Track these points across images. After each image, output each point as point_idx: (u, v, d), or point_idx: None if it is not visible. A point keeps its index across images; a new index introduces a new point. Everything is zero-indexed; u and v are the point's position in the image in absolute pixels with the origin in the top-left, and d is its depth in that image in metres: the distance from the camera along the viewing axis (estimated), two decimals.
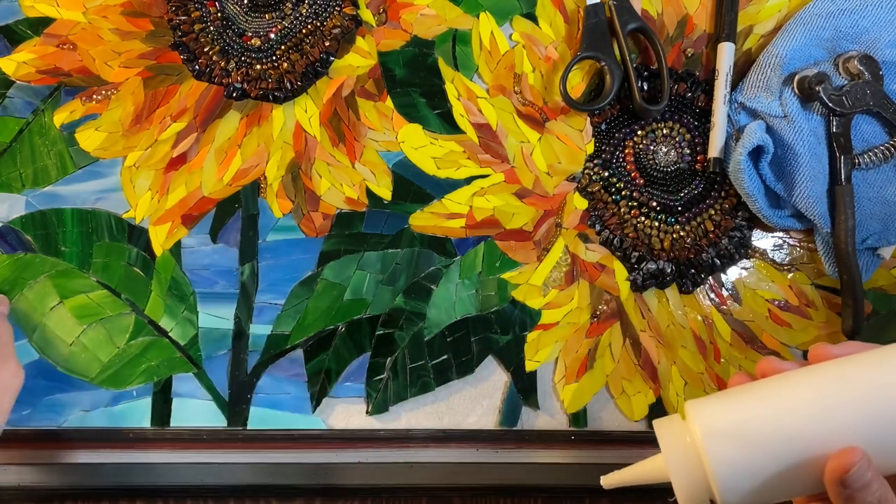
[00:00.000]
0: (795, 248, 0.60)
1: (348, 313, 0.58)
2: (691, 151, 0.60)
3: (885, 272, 0.60)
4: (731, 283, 0.59)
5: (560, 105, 0.60)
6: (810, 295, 0.59)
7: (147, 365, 0.57)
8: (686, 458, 0.41)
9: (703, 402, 0.42)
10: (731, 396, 0.42)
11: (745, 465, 0.40)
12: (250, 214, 0.59)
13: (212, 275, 0.58)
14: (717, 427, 0.40)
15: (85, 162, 0.59)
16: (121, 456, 0.56)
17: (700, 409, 0.41)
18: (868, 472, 0.38)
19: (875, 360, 0.40)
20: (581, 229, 0.59)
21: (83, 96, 0.59)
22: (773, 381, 0.42)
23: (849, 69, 0.58)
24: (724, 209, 0.59)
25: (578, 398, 0.57)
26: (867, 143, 0.59)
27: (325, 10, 0.60)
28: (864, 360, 0.40)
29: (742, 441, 0.40)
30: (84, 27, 0.60)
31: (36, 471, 0.57)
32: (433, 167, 0.59)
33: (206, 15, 0.60)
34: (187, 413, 0.57)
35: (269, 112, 0.59)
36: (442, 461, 0.57)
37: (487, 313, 0.58)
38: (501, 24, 0.60)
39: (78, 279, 0.58)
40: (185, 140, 0.59)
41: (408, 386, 0.57)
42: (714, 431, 0.40)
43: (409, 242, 0.59)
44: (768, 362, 0.43)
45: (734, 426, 0.40)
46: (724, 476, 0.40)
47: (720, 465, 0.40)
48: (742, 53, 0.60)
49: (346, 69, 0.60)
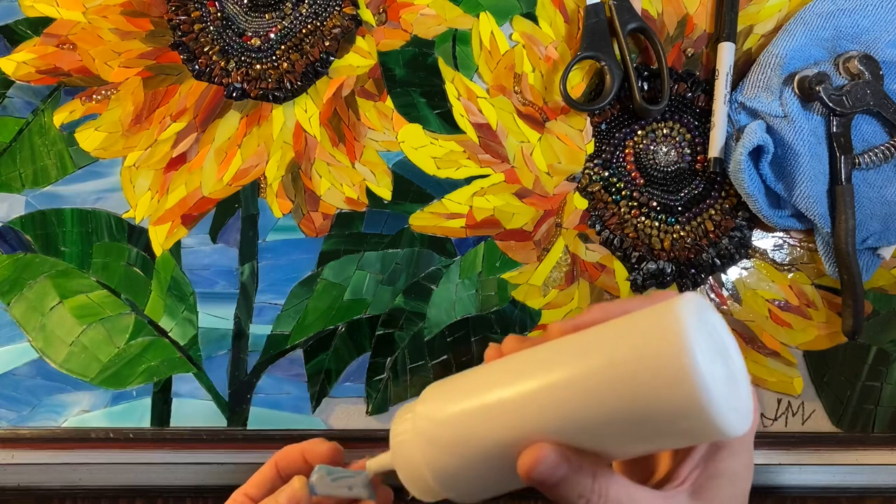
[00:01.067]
0: (795, 248, 0.60)
1: (348, 313, 0.58)
2: (691, 151, 0.60)
3: (885, 272, 0.60)
4: (731, 283, 0.59)
5: (560, 105, 0.60)
6: (810, 295, 0.59)
7: (147, 365, 0.57)
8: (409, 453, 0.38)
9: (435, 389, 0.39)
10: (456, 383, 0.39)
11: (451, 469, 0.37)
12: (250, 214, 0.59)
13: (212, 275, 0.58)
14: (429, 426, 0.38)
15: (85, 162, 0.59)
16: (121, 456, 0.56)
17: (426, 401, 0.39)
18: (561, 467, 0.34)
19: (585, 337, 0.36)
20: (581, 229, 0.59)
21: (83, 96, 0.59)
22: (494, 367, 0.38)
23: (849, 69, 0.58)
24: (725, 209, 0.59)
25: None
26: (867, 143, 0.59)
27: (325, 9, 0.60)
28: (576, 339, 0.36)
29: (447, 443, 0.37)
30: (84, 27, 0.60)
31: (36, 471, 0.57)
32: (433, 167, 0.59)
33: (206, 15, 0.60)
34: (187, 413, 0.57)
35: (269, 112, 0.59)
36: None
37: (487, 313, 0.58)
38: (501, 24, 0.60)
39: (78, 279, 0.58)
40: (185, 140, 0.59)
41: (408, 386, 0.57)
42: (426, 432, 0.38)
43: (409, 242, 0.59)
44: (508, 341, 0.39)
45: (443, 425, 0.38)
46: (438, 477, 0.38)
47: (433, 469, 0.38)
48: (742, 53, 0.60)
49: (346, 69, 0.60)
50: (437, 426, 0.38)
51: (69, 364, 0.57)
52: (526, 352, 0.37)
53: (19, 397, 0.57)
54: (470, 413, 0.37)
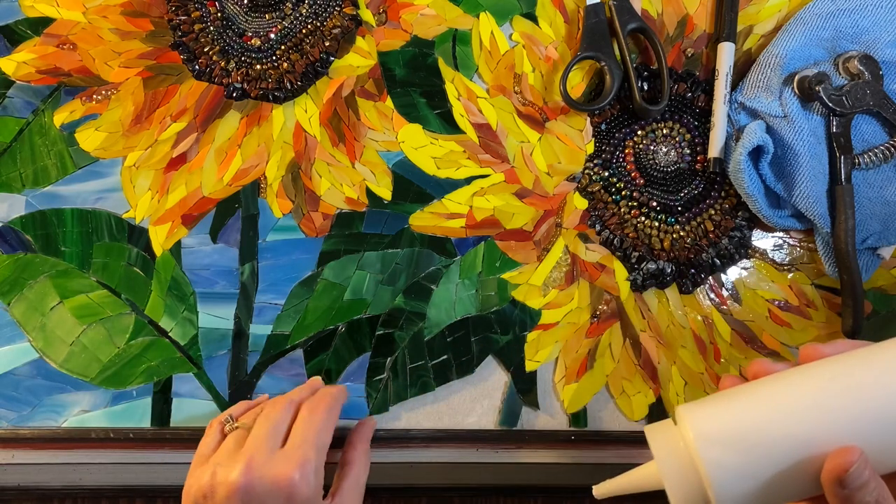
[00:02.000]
0: (795, 248, 0.60)
1: (348, 313, 0.58)
2: (691, 151, 0.60)
3: (885, 272, 0.60)
4: (731, 283, 0.59)
5: (560, 105, 0.60)
6: (810, 295, 0.59)
7: (147, 365, 0.57)
8: (680, 464, 0.40)
9: (695, 406, 0.42)
10: (723, 400, 0.42)
11: (740, 470, 0.39)
12: (250, 214, 0.59)
13: (212, 275, 0.58)
14: (711, 431, 0.40)
15: (85, 162, 0.59)
16: (121, 456, 0.57)
17: (692, 414, 0.41)
18: (866, 471, 0.38)
19: (865, 357, 0.40)
20: (581, 229, 0.59)
21: (83, 96, 0.59)
22: (764, 383, 0.41)
23: (849, 69, 0.58)
24: (724, 209, 0.59)
25: (578, 398, 0.58)
26: (867, 143, 0.59)
27: (325, 10, 0.60)
28: (855, 359, 0.40)
29: (736, 445, 0.39)
30: (84, 27, 0.60)
31: (36, 471, 0.57)
32: (433, 167, 0.59)
33: (206, 15, 0.60)
34: (187, 413, 0.57)
35: (269, 112, 0.59)
36: (442, 461, 0.57)
37: (487, 313, 0.58)
38: (501, 24, 0.60)
39: (78, 279, 0.58)
40: (185, 140, 0.59)
41: (408, 386, 0.57)
42: (707, 436, 0.40)
43: (409, 242, 0.59)
44: (759, 364, 0.43)
45: (727, 430, 0.40)
46: (719, 481, 0.39)
47: (715, 470, 0.39)
48: (742, 53, 0.60)
49: (346, 69, 0.60)
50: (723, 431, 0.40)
51: (69, 364, 0.57)
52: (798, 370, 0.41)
53: (19, 397, 0.57)
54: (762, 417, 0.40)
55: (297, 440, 0.48)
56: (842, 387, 0.39)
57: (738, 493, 0.39)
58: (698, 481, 0.40)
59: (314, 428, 0.49)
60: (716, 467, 0.39)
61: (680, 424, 0.41)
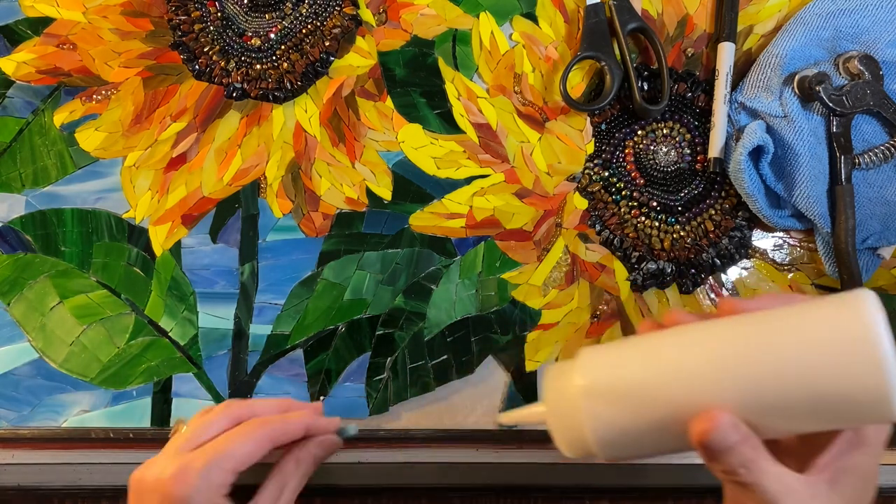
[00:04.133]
0: (795, 248, 0.60)
1: (348, 313, 0.58)
2: (691, 151, 0.60)
3: (885, 272, 0.60)
4: (731, 283, 0.59)
5: (560, 105, 0.60)
6: (810, 295, 0.59)
7: (147, 365, 0.57)
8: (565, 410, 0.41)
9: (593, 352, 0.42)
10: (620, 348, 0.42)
11: (618, 423, 0.40)
12: (250, 214, 0.59)
13: (212, 275, 0.58)
14: (598, 382, 0.40)
15: (85, 162, 0.59)
16: (121, 456, 0.56)
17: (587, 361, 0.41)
18: (733, 435, 0.37)
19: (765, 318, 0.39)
20: (581, 229, 0.59)
21: (83, 96, 0.59)
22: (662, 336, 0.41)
23: (849, 69, 0.58)
24: (724, 209, 0.59)
25: None
26: (867, 143, 0.59)
27: (325, 9, 0.60)
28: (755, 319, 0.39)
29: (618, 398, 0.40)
30: (84, 27, 0.60)
31: (36, 471, 0.57)
32: (433, 167, 0.59)
33: (206, 15, 0.60)
34: (187, 413, 0.57)
35: (269, 112, 0.59)
36: (442, 461, 0.57)
37: (487, 313, 0.58)
38: (501, 24, 0.60)
39: (78, 279, 0.58)
40: (185, 140, 0.59)
41: (408, 386, 0.57)
42: (591, 386, 0.40)
43: (409, 242, 0.59)
44: (671, 313, 0.42)
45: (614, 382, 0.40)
46: (597, 431, 0.40)
47: (593, 421, 0.40)
48: (742, 53, 0.60)
49: (346, 69, 0.60)
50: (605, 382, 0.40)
51: (69, 364, 0.57)
52: (702, 323, 0.40)
53: (19, 397, 0.57)
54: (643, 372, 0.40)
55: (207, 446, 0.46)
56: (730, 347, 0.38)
57: (617, 443, 0.40)
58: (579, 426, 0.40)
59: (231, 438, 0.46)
60: (595, 418, 0.40)
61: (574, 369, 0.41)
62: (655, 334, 0.41)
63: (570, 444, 0.41)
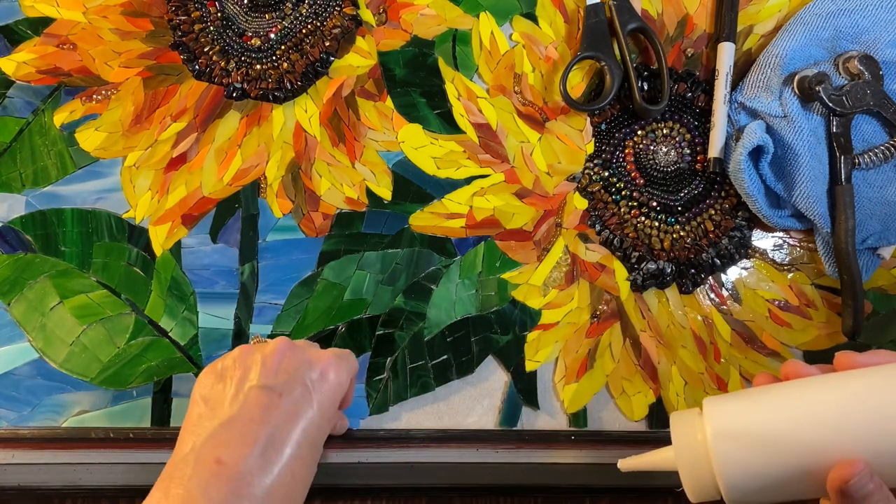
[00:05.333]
0: (795, 248, 0.60)
1: (348, 313, 0.58)
2: (691, 151, 0.60)
3: (885, 272, 0.60)
4: (731, 283, 0.59)
5: (560, 105, 0.60)
6: (810, 295, 0.59)
7: (147, 365, 0.57)
8: (695, 454, 0.42)
9: (720, 399, 0.44)
10: (747, 397, 0.44)
11: (750, 467, 0.41)
12: (250, 214, 0.59)
13: (212, 275, 0.58)
14: (728, 427, 0.42)
15: (85, 162, 0.59)
16: (121, 456, 0.56)
17: (715, 407, 0.43)
18: (869, 484, 0.39)
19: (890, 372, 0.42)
20: (581, 229, 0.59)
21: (83, 96, 0.59)
22: (790, 386, 0.43)
23: (849, 69, 0.58)
24: (724, 209, 0.59)
25: (578, 398, 0.57)
26: (867, 143, 0.59)
27: (325, 10, 0.60)
28: (880, 373, 0.42)
29: (750, 443, 0.41)
30: (84, 27, 0.60)
31: (36, 471, 0.57)
32: (433, 167, 0.59)
33: (206, 15, 0.60)
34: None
35: (269, 112, 0.59)
36: (442, 461, 0.57)
37: (487, 313, 0.58)
38: (501, 24, 0.60)
39: (78, 279, 0.58)
40: (185, 140, 0.59)
41: (408, 386, 0.57)
42: (724, 431, 0.42)
43: (409, 242, 0.59)
44: (792, 365, 0.44)
45: (744, 427, 0.42)
46: (728, 474, 0.41)
47: (726, 465, 0.41)
48: (742, 53, 0.60)
49: (346, 69, 0.60)
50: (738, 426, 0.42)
51: (69, 364, 0.57)
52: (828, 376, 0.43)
53: (19, 397, 0.57)
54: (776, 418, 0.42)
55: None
56: (861, 404, 0.41)
57: (746, 487, 0.41)
58: (710, 471, 0.42)
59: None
60: (726, 462, 0.41)
61: (703, 415, 0.43)
62: (781, 384, 0.43)
63: (698, 489, 0.43)
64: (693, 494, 0.43)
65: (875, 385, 0.41)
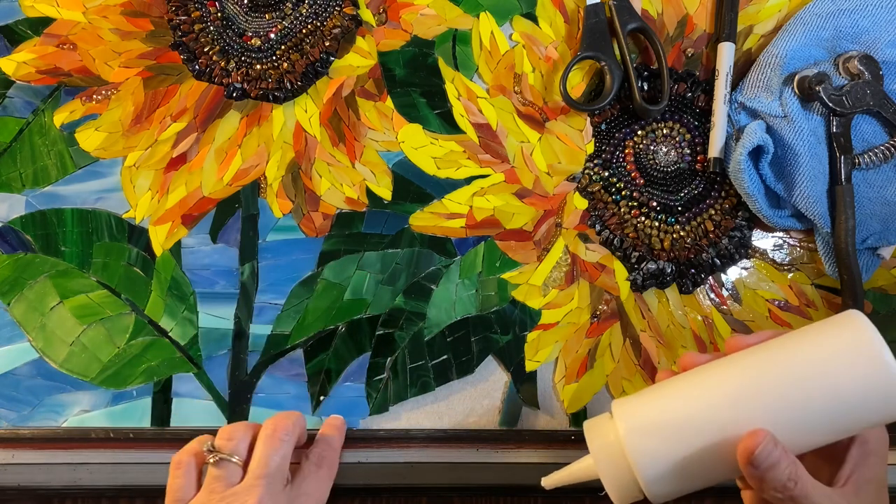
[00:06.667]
0: (795, 248, 0.60)
1: (348, 313, 0.58)
2: (691, 151, 0.60)
3: (885, 272, 0.60)
4: (731, 283, 0.59)
5: (560, 105, 0.60)
6: (810, 295, 0.59)
7: (147, 365, 0.57)
8: (612, 457, 0.44)
9: (627, 400, 0.45)
10: (653, 392, 0.45)
11: (664, 457, 0.42)
12: (250, 214, 0.59)
13: (212, 275, 0.58)
14: (638, 423, 0.43)
15: (85, 162, 0.59)
16: (121, 456, 0.56)
17: (624, 408, 0.45)
18: (775, 451, 0.40)
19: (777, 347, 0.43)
20: (581, 229, 0.59)
21: (83, 96, 0.59)
22: (690, 375, 0.45)
23: (849, 69, 0.58)
24: (724, 209, 0.59)
25: (578, 398, 0.57)
26: (867, 143, 0.59)
27: (325, 10, 0.60)
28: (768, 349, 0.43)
29: (661, 434, 0.43)
30: (84, 27, 0.60)
31: (36, 471, 0.57)
32: (433, 167, 0.59)
33: (206, 15, 0.60)
34: (187, 413, 0.57)
35: (269, 112, 0.59)
36: (442, 461, 0.57)
37: (487, 313, 0.58)
38: (501, 24, 0.60)
39: (78, 279, 0.58)
40: (185, 140, 0.59)
41: (408, 386, 0.57)
42: (635, 428, 0.43)
43: (409, 242, 0.59)
44: (688, 356, 0.46)
45: (653, 420, 0.43)
46: (646, 468, 0.43)
47: (642, 458, 0.43)
48: (742, 53, 0.60)
49: (346, 69, 0.60)
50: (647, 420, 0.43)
51: (69, 364, 0.57)
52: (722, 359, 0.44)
53: (19, 397, 0.57)
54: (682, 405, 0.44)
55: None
56: (754, 375, 0.42)
57: (665, 478, 0.42)
58: (629, 470, 0.43)
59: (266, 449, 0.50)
60: (642, 455, 0.43)
61: (614, 417, 0.45)
62: (680, 375, 0.45)
63: (620, 490, 0.44)
64: (618, 498, 0.44)
65: (764, 359, 0.43)
